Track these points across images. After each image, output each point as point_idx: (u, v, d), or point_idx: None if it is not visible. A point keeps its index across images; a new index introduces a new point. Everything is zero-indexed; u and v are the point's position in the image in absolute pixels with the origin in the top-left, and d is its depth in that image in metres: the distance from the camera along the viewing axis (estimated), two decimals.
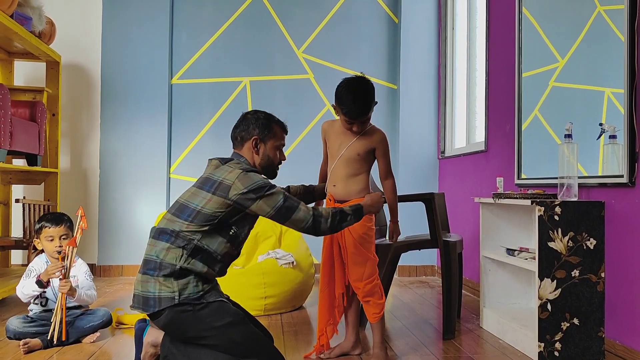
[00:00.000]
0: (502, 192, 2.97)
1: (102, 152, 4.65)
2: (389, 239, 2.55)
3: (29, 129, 3.69)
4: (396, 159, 4.67)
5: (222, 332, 2.04)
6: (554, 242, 2.49)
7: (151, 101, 4.66)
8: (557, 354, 2.48)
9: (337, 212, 2.16)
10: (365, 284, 2.38)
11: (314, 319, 3.27)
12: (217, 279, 2.21)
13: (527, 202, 2.58)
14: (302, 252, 3.72)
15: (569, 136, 2.59)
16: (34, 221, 3.59)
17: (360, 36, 4.91)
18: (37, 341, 2.56)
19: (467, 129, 4.40)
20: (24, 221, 3.64)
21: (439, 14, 4.86)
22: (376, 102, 2.37)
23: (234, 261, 2.27)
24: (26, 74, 4.62)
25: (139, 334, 2.23)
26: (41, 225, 2.76)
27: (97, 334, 2.74)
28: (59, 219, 2.76)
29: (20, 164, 4.17)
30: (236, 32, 4.83)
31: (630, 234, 2.39)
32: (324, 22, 4.89)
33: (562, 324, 2.49)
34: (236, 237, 2.15)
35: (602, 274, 2.50)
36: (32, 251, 3.56)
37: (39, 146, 3.84)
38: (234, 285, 3.17)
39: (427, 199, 2.92)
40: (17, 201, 3.71)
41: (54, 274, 2.59)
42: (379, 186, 2.57)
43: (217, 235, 2.09)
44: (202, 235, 2.06)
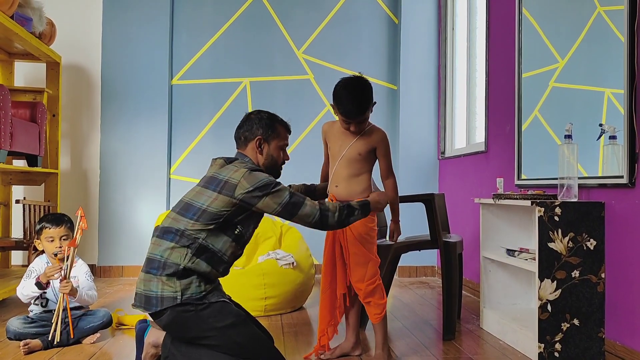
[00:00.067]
0: (502, 192, 2.97)
1: (102, 153, 4.65)
2: (389, 238, 2.55)
3: (29, 129, 3.69)
4: (396, 160, 4.66)
5: (223, 332, 2.04)
6: (554, 242, 2.49)
7: (151, 102, 4.67)
8: (557, 354, 2.48)
9: (344, 207, 2.17)
10: (367, 285, 2.38)
11: (314, 319, 3.28)
12: (219, 279, 2.21)
13: (527, 202, 2.58)
14: (303, 252, 3.72)
15: (569, 137, 2.59)
16: (34, 222, 3.59)
17: (360, 37, 4.91)
18: (37, 342, 2.56)
19: (467, 130, 4.40)
20: (24, 222, 3.64)
21: (439, 14, 4.86)
22: (375, 103, 2.37)
23: (235, 261, 2.28)
24: (26, 74, 4.62)
25: (140, 335, 2.23)
26: (42, 226, 2.76)
27: (98, 335, 2.74)
28: (59, 220, 2.77)
29: (20, 164, 4.18)
30: (236, 33, 4.83)
31: (630, 235, 2.39)
32: (324, 23, 4.89)
33: (562, 324, 2.49)
34: (241, 237, 2.15)
35: (602, 275, 2.51)
36: (33, 252, 3.56)
37: (39, 147, 3.84)
38: (234, 285, 3.17)
39: (427, 200, 2.92)
40: (17, 202, 3.71)
41: (53, 276, 2.59)
42: (380, 188, 2.57)
43: (223, 234, 2.09)
44: (208, 234, 2.06)
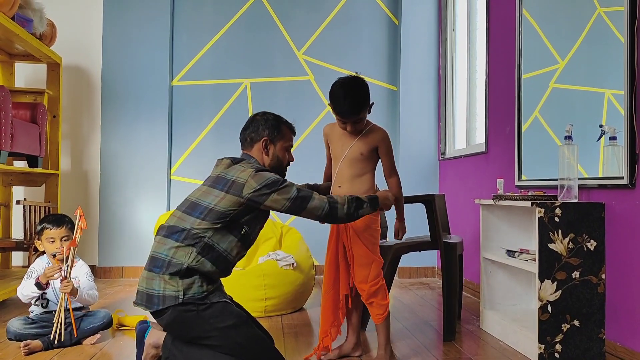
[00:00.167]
0: (502, 193, 2.97)
1: (102, 154, 4.65)
2: (394, 236, 2.54)
3: (29, 130, 3.69)
4: (396, 161, 4.65)
5: (225, 333, 2.04)
6: (555, 243, 2.49)
7: (152, 103, 4.67)
8: (557, 355, 2.48)
9: (353, 199, 2.18)
10: (370, 286, 2.38)
11: (314, 320, 3.27)
12: (220, 279, 2.21)
13: (528, 203, 2.58)
14: (303, 253, 3.71)
15: (569, 137, 2.59)
16: (35, 223, 3.59)
17: (360, 38, 4.92)
18: (37, 343, 2.56)
19: (468, 131, 4.40)
20: (25, 223, 3.65)
21: (439, 15, 4.87)
22: (372, 103, 2.36)
23: (238, 262, 2.28)
24: (27, 75, 4.62)
25: (141, 336, 2.23)
26: (42, 226, 2.76)
27: (98, 336, 2.74)
28: (60, 221, 2.77)
29: (21, 165, 4.18)
30: (237, 34, 4.84)
31: (630, 236, 2.39)
32: (324, 24, 4.89)
33: (563, 325, 2.49)
34: (247, 237, 2.16)
35: (603, 276, 2.51)
36: (33, 253, 3.57)
37: (39, 148, 3.84)
38: (235, 286, 3.16)
39: (428, 201, 2.92)
40: (17, 203, 3.71)
41: (53, 276, 2.60)
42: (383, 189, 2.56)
43: (229, 234, 2.10)
44: (214, 232, 2.07)
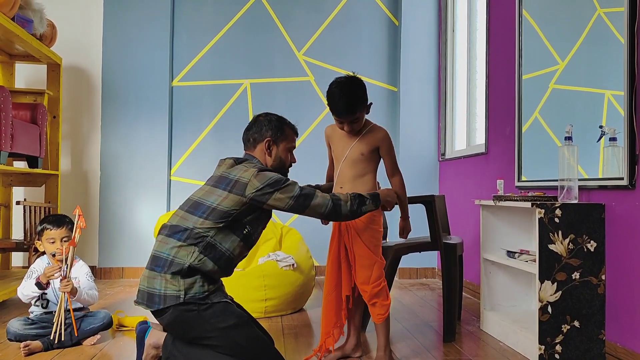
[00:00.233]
0: (502, 194, 2.97)
1: (102, 154, 4.65)
2: (400, 235, 2.54)
3: (29, 131, 3.69)
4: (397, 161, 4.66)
5: (225, 333, 2.04)
6: (555, 244, 2.49)
7: (152, 103, 4.67)
8: (557, 356, 2.48)
9: (355, 196, 2.19)
10: (372, 287, 2.37)
11: (314, 321, 3.27)
12: (221, 280, 2.21)
13: (528, 204, 2.58)
14: (303, 254, 3.71)
15: (569, 138, 2.59)
16: (35, 223, 3.59)
17: (360, 38, 4.92)
18: (37, 343, 2.56)
19: (468, 131, 4.40)
20: (25, 223, 3.64)
21: (439, 16, 4.87)
22: (370, 103, 2.36)
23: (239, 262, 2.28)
24: (27, 76, 4.62)
25: (141, 336, 2.23)
26: (43, 227, 2.76)
27: (98, 337, 2.74)
28: (60, 221, 2.77)
29: (21, 166, 4.18)
30: (237, 35, 4.84)
31: (630, 236, 2.39)
32: (324, 25, 4.89)
33: (563, 326, 2.49)
34: (249, 237, 2.16)
35: (603, 277, 2.50)
36: (33, 253, 3.57)
37: (39, 148, 3.84)
38: (235, 287, 3.16)
39: (428, 201, 2.92)
40: (17, 203, 3.71)
41: (53, 276, 2.60)
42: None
43: (231, 233, 2.10)
44: (216, 232, 2.07)
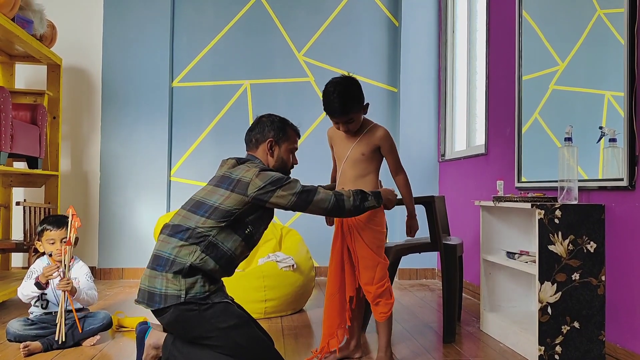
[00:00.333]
0: (502, 195, 2.97)
1: (102, 155, 4.65)
2: (407, 234, 2.54)
3: (29, 131, 3.69)
4: None
5: (226, 333, 2.05)
6: (554, 245, 2.49)
7: (152, 104, 4.67)
8: (557, 357, 2.48)
9: (357, 192, 2.20)
10: (376, 288, 2.36)
11: (314, 322, 3.27)
12: (222, 280, 2.21)
13: (528, 205, 2.58)
14: (303, 255, 3.71)
15: (569, 139, 2.59)
16: (35, 224, 3.59)
17: (360, 39, 4.92)
18: (37, 344, 2.56)
19: (468, 132, 4.40)
20: (25, 224, 3.65)
21: (439, 17, 4.87)
22: (367, 103, 2.37)
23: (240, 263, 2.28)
24: (27, 77, 4.62)
25: (141, 337, 2.23)
26: (43, 227, 2.76)
27: (97, 337, 2.74)
28: (60, 222, 2.77)
29: (21, 166, 4.18)
30: (237, 35, 4.84)
31: (630, 237, 2.39)
32: (324, 25, 4.89)
33: (563, 327, 2.49)
34: (251, 237, 2.17)
35: (603, 277, 2.50)
36: (33, 254, 3.57)
37: (39, 149, 3.84)
38: (235, 287, 3.15)
39: (428, 202, 2.92)
40: (17, 204, 3.72)
41: (51, 275, 2.60)
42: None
43: (233, 233, 2.11)
44: (218, 231, 2.08)
